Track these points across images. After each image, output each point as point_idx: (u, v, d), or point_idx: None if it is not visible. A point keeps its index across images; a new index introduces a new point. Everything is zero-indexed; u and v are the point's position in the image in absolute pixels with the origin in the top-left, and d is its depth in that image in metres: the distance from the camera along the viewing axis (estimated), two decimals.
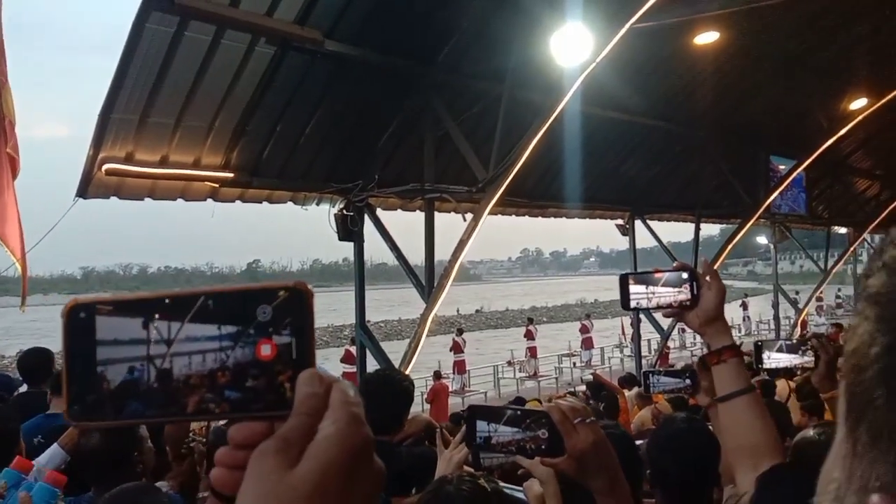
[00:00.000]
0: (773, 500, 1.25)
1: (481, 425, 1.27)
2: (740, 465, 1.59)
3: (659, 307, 1.62)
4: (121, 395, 0.54)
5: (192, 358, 0.54)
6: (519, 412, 1.26)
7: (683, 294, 1.58)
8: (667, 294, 1.60)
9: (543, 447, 1.22)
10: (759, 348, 2.83)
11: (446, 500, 2.04)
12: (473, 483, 2.10)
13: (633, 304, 1.62)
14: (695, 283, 1.58)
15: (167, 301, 0.55)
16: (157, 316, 0.55)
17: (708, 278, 1.60)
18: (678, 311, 1.61)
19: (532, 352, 25.74)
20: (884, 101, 15.85)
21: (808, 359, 2.79)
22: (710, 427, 2.17)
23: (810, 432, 2.44)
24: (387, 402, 3.12)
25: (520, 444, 1.24)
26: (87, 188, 7.95)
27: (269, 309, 0.54)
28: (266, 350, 0.54)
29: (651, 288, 1.61)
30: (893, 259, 0.42)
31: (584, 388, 11.46)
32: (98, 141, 7.67)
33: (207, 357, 0.54)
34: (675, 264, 1.66)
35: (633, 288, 1.62)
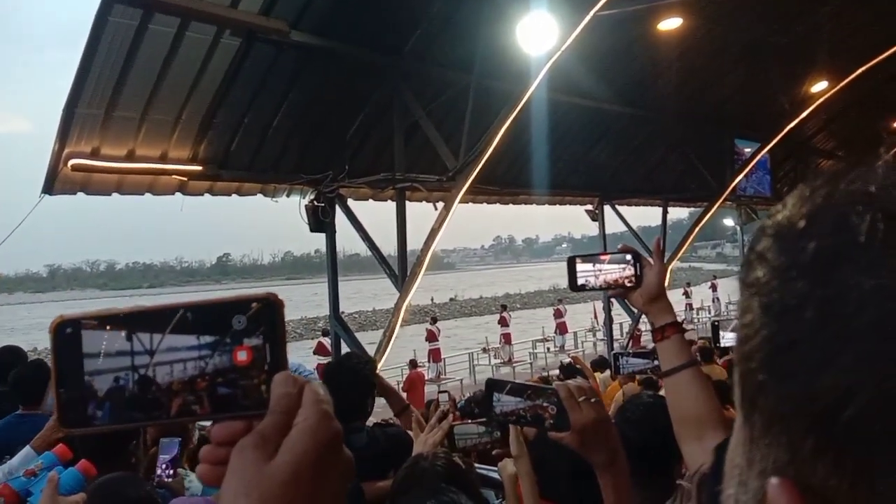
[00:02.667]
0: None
1: (497, 397, 1.37)
2: (685, 437, 1.66)
3: (606, 284, 1.71)
4: (109, 401, 0.59)
5: (174, 366, 0.58)
6: (531, 388, 1.36)
7: (628, 271, 1.68)
8: (612, 271, 1.70)
9: (552, 422, 1.31)
10: (715, 327, 2.94)
11: (422, 474, 2.10)
12: (448, 459, 2.16)
13: (580, 282, 1.72)
14: (638, 265, 1.67)
15: (148, 314, 0.59)
16: (139, 328, 0.59)
17: (652, 259, 1.69)
18: (623, 290, 1.70)
19: (506, 338, 25.89)
20: (843, 83, 16.19)
21: None
22: None
23: None
24: (347, 391, 3.14)
25: (531, 415, 1.34)
26: (54, 184, 7.85)
27: (243, 318, 0.59)
28: (242, 356, 0.59)
29: (598, 266, 1.71)
30: (767, 249, 0.44)
31: (557, 371, 11.60)
32: (63, 136, 7.57)
33: (188, 364, 0.59)
34: (619, 247, 1.74)
35: (581, 267, 1.72)
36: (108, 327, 0.59)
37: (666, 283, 1.72)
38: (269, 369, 0.59)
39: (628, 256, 1.69)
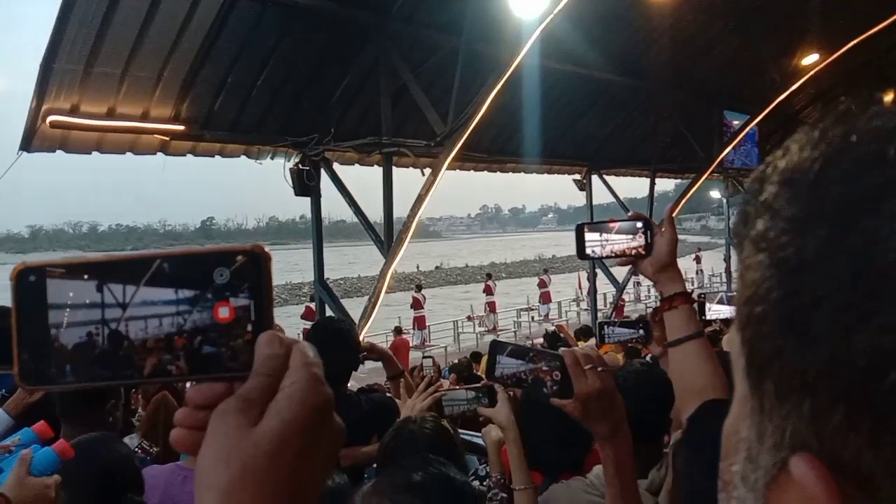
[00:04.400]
0: (702, 432, 1.30)
1: (500, 359, 1.33)
2: (687, 409, 1.63)
3: (613, 254, 1.66)
4: (75, 358, 0.54)
5: (149, 321, 0.54)
6: (533, 351, 1.32)
7: (637, 241, 1.61)
8: (620, 241, 1.63)
9: (555, 388, 1.27)
10: (700, 300, 2.91)
11: (409, 437, 2.09)
12: (436, 423, 2.15)
13: (588, 251, 1.66)
14: (649, 232, 1.61)
15: (121, 264, 0.54)
16: (110, 279, 0.54)
17: (663, 227, 1.64)
18: (632, 259, 1.64)
19: (491, 306, 26.05)
20: (834, 56, 16.12)
21: None
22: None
23: None
24: (334, 354, 3.08)
25: (532, 378, 1.30)
26: (32, 141, 7.66)
27: (226, 272, 0.54)
28: (224, 313, 0.54)
29: (605, 236, 1.65)
30: (775, 197, 0.39)
31: (541, 339, 11.66)
32: (41, 92, 7.36)
33: (164, 320, 0.54)
34: (629, 214, 1.69)
35: (589, 236, 1.66)
36: (76, 276, 0.54)
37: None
38: (254, 328, 0.54)
39: (639, 224, 1.63)
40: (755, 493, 0.40)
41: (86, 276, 0.54)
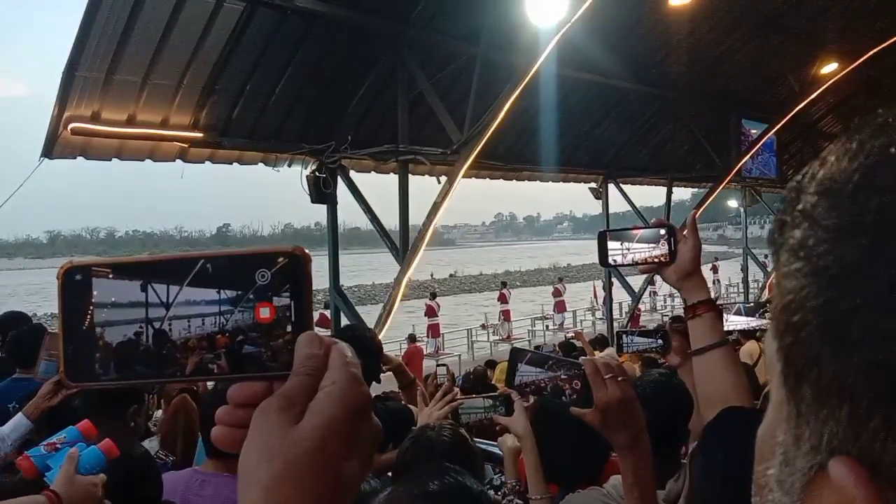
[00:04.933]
0: (718, 438, 1.29)
1: (521, 367, 1.34)
2: (710, 417, 1.63)
3: (635, 263, 1.64)
4: (119, 356, 0.55)
5: (191, 320, 0.55)
6: (552, 359, 1.33)
7: (660, 250, 1.60)
8: (643, 249, 1.62)
9: (574, 397, 1.28)
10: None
11: (427, 444, 2.09)
12: (454, 430, 2.15)
13: (610, 260, 1.64)
14: (672, 240, 1.59)
15: (165, 264, 0.56)
16: (155, 279, 0.55)
17: (686, 234, 1.62)
18: (656, 267, 1.62)
19: (506, 315, 25.94)
20: (853, 66, 16.01)
21: (766, 321, 2.85)
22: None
23: None
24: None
25: (550, 387, 1.31)
26: (53, 148, 7.75)
27: (268, 273, 0.55)
28: (265, 313, 0.55)
29: (626, 244, 1.63)
30: (813, 206, 0.39)
31: (556, 348, 11.61)
32: (63, 99, 7.46)
33: (206, 320, 0.55)
34: (653, 221, 1.68)
35: (612, 244, 1.64)
36: (121, 276, 0.55)
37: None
38: (294, 328, 0.55)
39: (662, 231, 1.60)
40: (791, 497, 0.40)
41: (130, 276, 0.55)
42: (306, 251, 0.56)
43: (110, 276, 0.55)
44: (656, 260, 1.61)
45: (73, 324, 0.55)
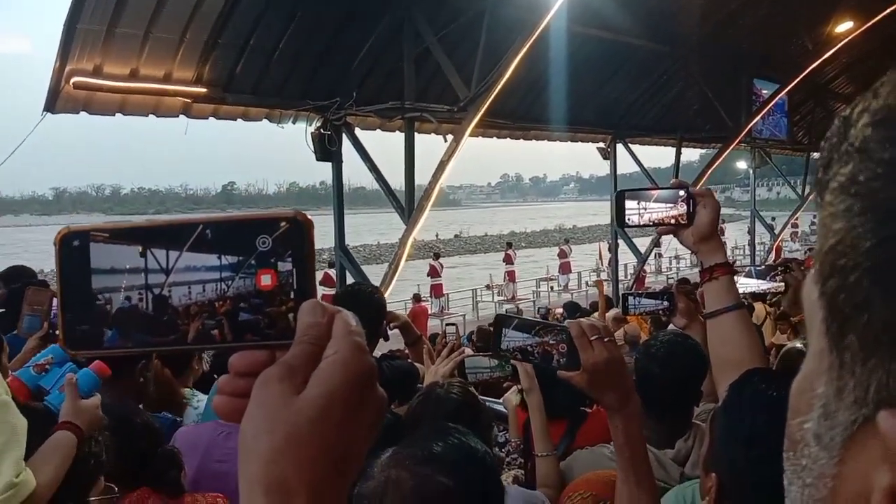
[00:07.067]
0: (744, 401, 1.27)
1: (507, 332, 1.33)
2: (724, 381, 1.62)
3: (652, 223, 1.62)
4: (118, 323, 0.55)
5: (192, 287, 0.55)
6: (539, 324, 1.31)
7: (678, 209, 1.58)
8: (660, 209, 1.60)
9: (562, 360, 1.26)
10: None
11: (437, 401, 2.11)
12: (462, 387, 2.18)
13: (627, 220, 1.63)
14: (691, 201, 1.58)
15: (164, 229, 0.55)
16: (154, 244, 0.54)
17: (703, 197, 1.60)
18: (673, 228, 1.61)
19: (510, 276, 25.99)
20: (869, 24, 15.66)
21: (776, 284, 2.82)
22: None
23: (797, 343, 2.47)
24: (362, 317, 3.07)
25: (539, 352, 1.30)
26: (56, 102, 7.69)
27: (269, 239, 0.54)
28: (266, 280, 0.54)
29: (643, 204, 1.62)
30: (866, 139, 0.36)
31: (560, 309, 11.64)
32: (64, 53, 7.38)
33: (207, 286, 0.55)
34: (672, 181, 1.65)
35: (629, 203, 1.63)
36: (119, 241, 0.55)
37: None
38: (296, 296, 0.55)
39: (681, 192, 1.59)
40: (829, 452, 0.38)
41: (129, 241, 0.54)
42: (308, 216, 0.55)
43: (108, 241, 0.54)
44: (673, 220, 1.59)
45: (71, 290, 0.55)
